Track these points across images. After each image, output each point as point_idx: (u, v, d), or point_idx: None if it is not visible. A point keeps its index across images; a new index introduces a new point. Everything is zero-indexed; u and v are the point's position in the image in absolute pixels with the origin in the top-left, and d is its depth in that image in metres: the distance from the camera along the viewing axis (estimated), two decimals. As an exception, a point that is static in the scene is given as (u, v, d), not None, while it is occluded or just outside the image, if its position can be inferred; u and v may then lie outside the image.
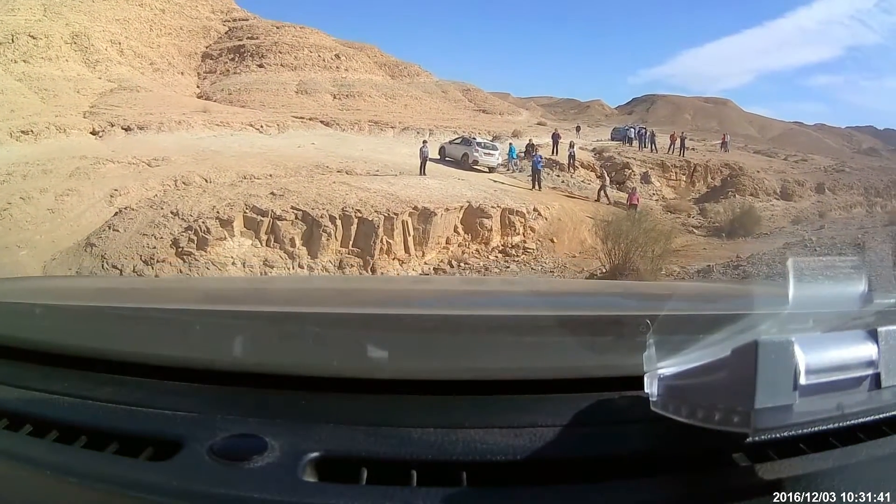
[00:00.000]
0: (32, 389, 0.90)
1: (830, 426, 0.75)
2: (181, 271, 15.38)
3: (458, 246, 17.78)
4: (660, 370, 0.78)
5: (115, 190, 19.13)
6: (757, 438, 0.70)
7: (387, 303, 1.54)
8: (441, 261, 17.19)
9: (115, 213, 17.74)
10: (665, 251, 14.15)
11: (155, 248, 15.87)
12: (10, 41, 30.00)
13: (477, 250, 17.84)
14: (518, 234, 18.69)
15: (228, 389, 0.86)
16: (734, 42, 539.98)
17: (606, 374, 0.87)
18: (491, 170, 24.10)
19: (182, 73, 42.12)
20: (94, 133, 25.31)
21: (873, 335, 0.72)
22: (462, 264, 17.18)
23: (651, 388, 0.78)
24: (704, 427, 0.68)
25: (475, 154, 23.89)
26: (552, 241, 19.20)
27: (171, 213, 17.11)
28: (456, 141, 26.17)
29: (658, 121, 53.04)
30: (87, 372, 0.92)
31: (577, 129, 40.49)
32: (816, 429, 0.74)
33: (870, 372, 0.71)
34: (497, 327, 1.07)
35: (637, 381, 0.80)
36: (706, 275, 10.56)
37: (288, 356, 0.94)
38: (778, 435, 0.73)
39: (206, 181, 19.90)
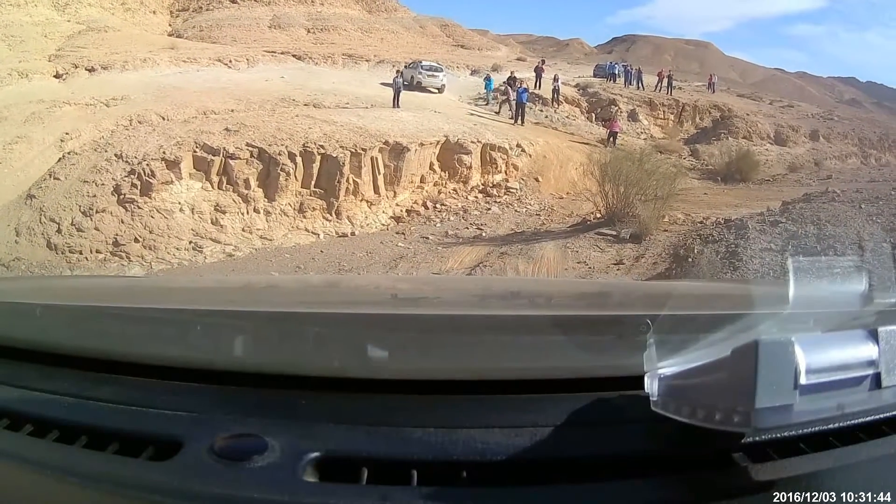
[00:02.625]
0: (33, 389, 0.86)
1: (831, 426, 0.73)
2: (122, 221, 13.03)
3: (434, 185, 15.29)
4: (660, 370, 0.73)
5: (67, 133, 16.47)
6: (757, 438, 0.70)
7: (387, 303, 1.48)
8: (415, 202, 14.76)
9: (59, 160, 15.09)
10: (669, 196, 12.04)
11: (95, 196, 13.41)
12: (-23, -9, 26.62)
13: (454, 190, 15.37)
14: (500, 172, 16.19)
15: (229, 389, 0.81)
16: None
17: (606, 374, 0.82)
18: (439, 90, 23.74)
19: (154, 12, 38.35)
20: (57, 76, 22.64)
21: (873, 335, 0.69)
22: (438, 205, 14.78)
23: (651, 387, 0.73)
24: (705, 427, 0.65)
25: (419, 76, 23.84)
26: (537, 180, 16.77)
27: (115, 155, 14.50)
28: (410, 65, 25.53)
29: (638, 61, 49.19)
30: (88, 372, 0.87)
31: (542, 62, 36.77)
32: (817, 428, 0.72)
33: (870, 372, 0.69)
34: (497, 327, 1.01)
35: (637, 381, 0.75)
36: (740, 232, 8.27)
37: (288, 356, 0.89)
38: (778, 435, 0.71)
39: (163, 119, 17.16)
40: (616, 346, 0.92)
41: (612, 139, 21.69)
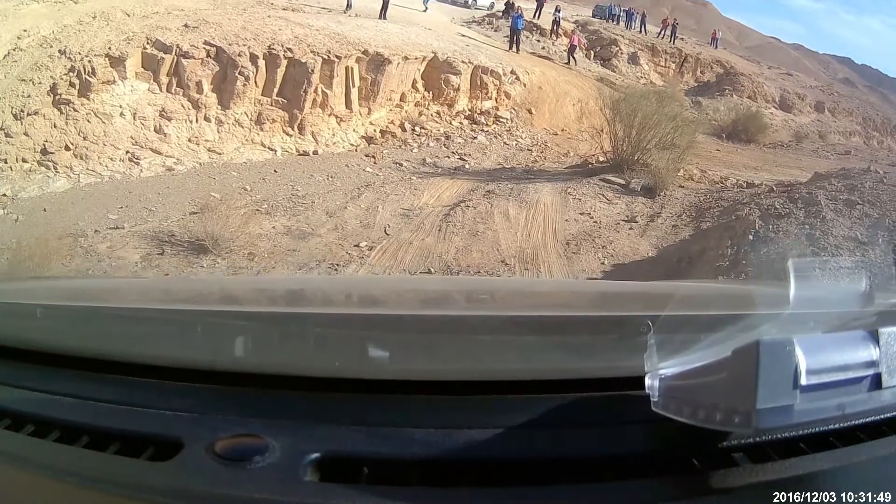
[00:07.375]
0: (33, 390, 0.80)
1: (831, 426, 0.69)
2: (55, 126, 10.16)
3: (415, 105, 12.47)
4: (661, 370, 0.69)
5: (25, 31, 13.18)
6: (757, 438, 0.66)
7: (388, 303, 1.36)
8: (391, 122, 12.00)
9: (4, 56, 12.01)
10: (689, 147, 9.69)
11: (30, 96, 10.40)
12: None
13: (438, 113, 12.59)
14: (490, 98, 13.37)
15: (229, 389, 0.76)
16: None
17: (607, 374, 0.77)
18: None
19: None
20: (39, -22, 18.88)
21: (874, 336, 0.66)
22: (417, 128, 12.06)
23: (652, 388, 0.68)
24: (705, 427, 0.61)
25: None
26: (530, 112, 14.01)
27: (59, 51, 11.39)
28: None
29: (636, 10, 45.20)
30: (88, 372, 0.81)
31: None
32: (817, 429, 0.68)
33: (870, 372, 0.65)
34: (498, 328, 0.94)
35: (638, 382, 0.70)
36: (811, 209, 5.95)
37: (289, 356, 0.84)
38: (778, 435, 0.67)
39: (128, 15, 13.96)
40: (617, 347, 0.87)
41: (570, 54, 18.64)
